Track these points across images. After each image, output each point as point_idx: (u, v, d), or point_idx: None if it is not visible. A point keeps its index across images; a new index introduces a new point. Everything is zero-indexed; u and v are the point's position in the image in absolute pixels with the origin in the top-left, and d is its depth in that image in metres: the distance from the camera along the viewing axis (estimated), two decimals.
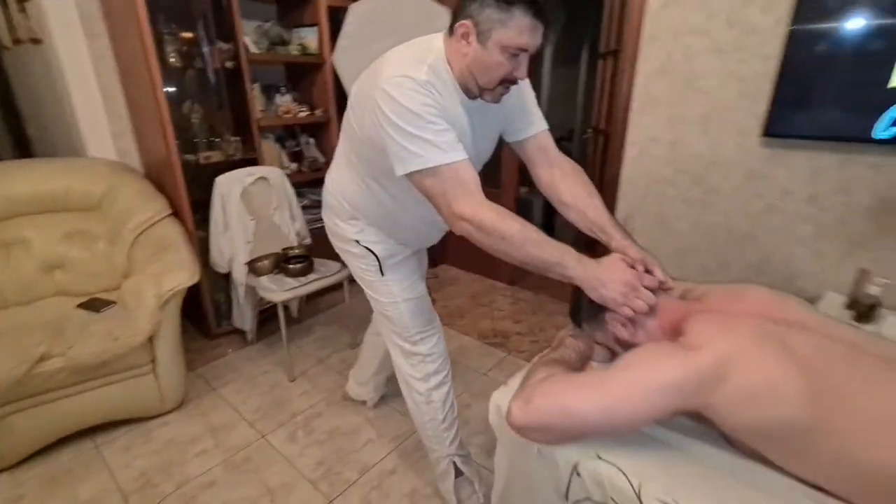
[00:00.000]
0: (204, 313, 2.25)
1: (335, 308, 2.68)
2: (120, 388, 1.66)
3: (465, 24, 0.89)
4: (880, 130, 1.47)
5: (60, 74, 1.96)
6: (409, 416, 1.78)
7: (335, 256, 2.58)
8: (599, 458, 0.76)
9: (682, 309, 0.88)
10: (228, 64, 2.12)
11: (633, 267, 0.91)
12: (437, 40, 0.97)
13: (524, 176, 1.59)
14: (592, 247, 1.10)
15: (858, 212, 1.62)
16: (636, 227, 2.17)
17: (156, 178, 2.13)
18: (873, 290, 1.46)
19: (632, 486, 0.71)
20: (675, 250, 2.06)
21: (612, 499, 0.73)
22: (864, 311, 1.46)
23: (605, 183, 2.25)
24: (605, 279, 0.87)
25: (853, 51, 1.47)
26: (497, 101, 0.98)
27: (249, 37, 2.26)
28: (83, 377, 1.56)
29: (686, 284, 1.03)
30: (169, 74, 1.92)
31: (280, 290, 1.91)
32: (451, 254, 3.24)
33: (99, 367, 1.55)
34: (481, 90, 0.95)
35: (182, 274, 1.72)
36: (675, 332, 0.83)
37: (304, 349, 2.27)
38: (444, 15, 2.22)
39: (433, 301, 1.36)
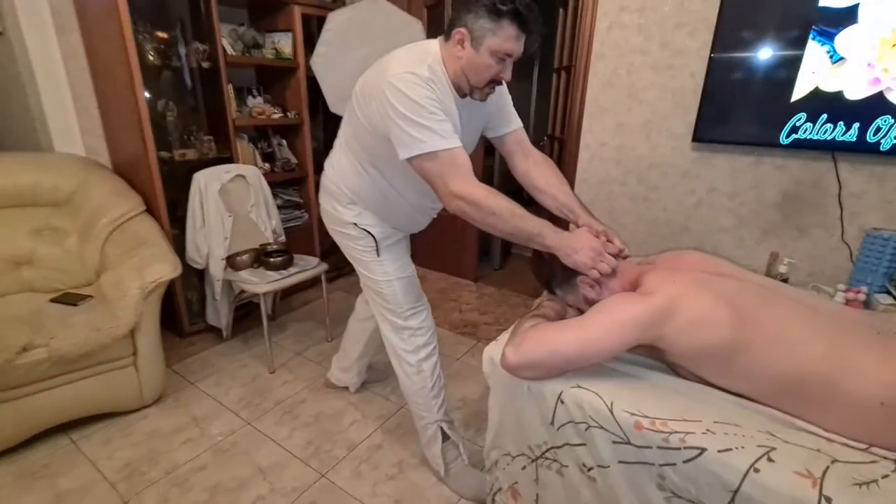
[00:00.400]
0: (176, 312, 2.25)
1: (308, 306, 2.74)
2: (99, 381, 1.66)
3: (461, 31, 1.05)
4: (783, 137, 1.80)
5: (28, 69, 1.93)
6: (390, 398, 1.91)
7: (310, 253, 2.66)
8: (579, 386, 0.93)
9: (637, 270, 1.08)
10: (205, 64, 2.17)
11: (597, 237, 1.10)
12: (434, 45, 1.12)
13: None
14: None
15: (768, 205, 1.94)
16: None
17: (127, 175, 2.12)
18: (782, 268, 1.77)
19: (606, 404, 0.89)
20: (625, 242, 2.32)
21: (591, 417, 0.90)
22: None
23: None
24: (577, 247, 1.05)
25: (762, 73, 1.78)
26: (484, 99, 1.14)
27: (225, 38, 2.32)
28: (64, 369, 1.55)
29: (639, 258, 1.25)
30: (146, 73, 1.94)
31: (262, 282, 1.97)
32: (419, 254, 3.37)
33: (81, 358, 1.55)
34: (472, 89, 1.11)
35: (164, 266, 1.75)
36: (633, 288, 1.03)
37: (281, 344, 2.31)
38: (415, 25, 2.40)
39: None
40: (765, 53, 1.76)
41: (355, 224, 1.33)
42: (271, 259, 2.07)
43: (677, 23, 1.95)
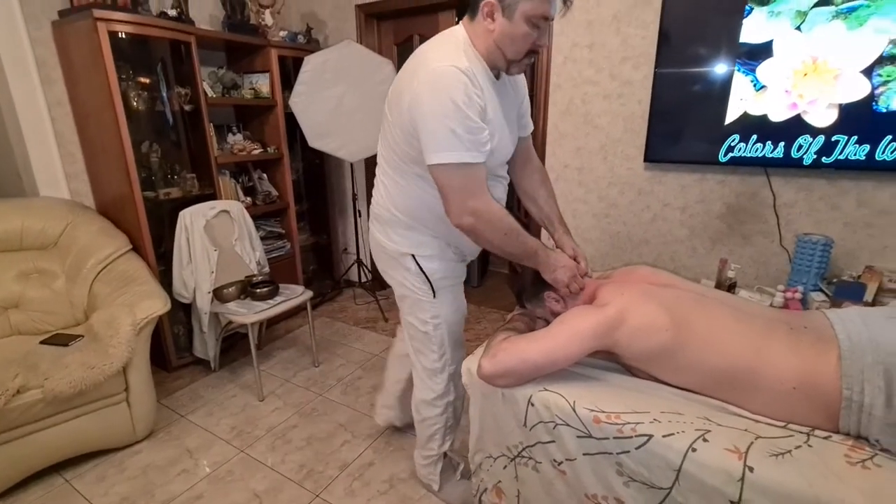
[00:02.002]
0: (163, 346, 2.29)
1: (292, 334, 2.80)
2: (92, 418, 1.70)
3: (489, 2, 0.98)
4: (722, 156, 2.01)
5: (13, 119, 2.00)
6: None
7: (294, 281, 2.75)
8: (546, 389, 1.06)
9: (595, 284, 1.23)
10: (187, 107, 2.28)
11: (574, 258, 1.24)
12: (459, 30, 1.06)
13: None
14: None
15: (715, 216, 2.14)
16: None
17: (113, 215, 2.19)
18: (730, 273, 1.95)
19: (569, 403, 1.02)
20: (591, 257, 2.50)
21: (557, 415, 1.02)
22: (726, 290, 1.94)
23: None
24: (558, 266, 1.18)
25: (698, 100, 1.99)
26: (521, 71, 1.08)
27: (205, 81, 2.44)
28: (58, 409, 1.59)
29: (599, 272, 1.40)
30: (130, 117, 2.04)
31: (250, 312, 2.05)
32: None
33: (75, 397, 1.59)
34: (509, 64, 1.03)
35: (155, 302, 1.82)
36: (591, 301, 1.17)
37: (268, 372, 2.37)
38: (386, 66, 2.56)
39: (386, 319, 1.50)
40: (699, 82, 1.98)
41: (413, 256, 1.24)
42: (258, 290, 2.15)
43: (623, 57, 2.17)
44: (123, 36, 2.00)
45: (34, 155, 2.06)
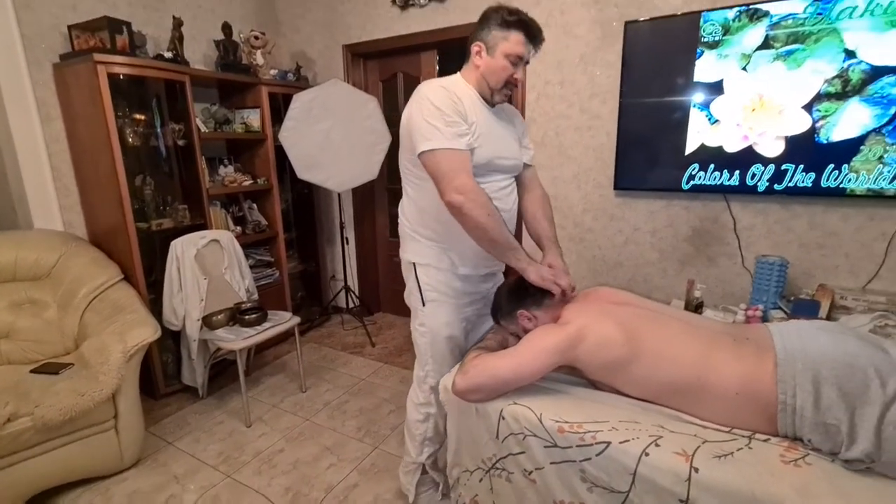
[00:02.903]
0: (152, 374, 2.32)
1: (280, 360, 2.84)
2: (80, 445, 1.72)
3: (478, 44, 1.27)
4: (684, 183, 2.15)
5: (12, 155, 2.09)
6: (364, 440, 2.04)
7: (282, 308, 2.82)
8: (515, 403, 1.14)
9: (561, 305, 1.32)
10: (180, 142, 2.39)
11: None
12: (456, 74, 1.35)
13: None
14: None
15: (682, 239, 2.27)
16: (539, 262, 2.70)
17: (105, 245, 2.26)
18: (697, 293, 2.07)
19: (536, 415, 1.10)
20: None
21: (526, 427, 1.10)
22: (693, 309, 2.05)
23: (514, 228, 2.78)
24: (537, 266, 1.27)
25: (661, 132, 2.15)
26: (503, 100, 1.33)
27: (198, 117, 2.56)
28: (48, 436, 1.62)
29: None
30: (126, 152, 2.13)
31: (238, 338, 2.10)
32: (387, 302, 3.56)
33: (65, 424, 1.62)
34: (492, 92, 1.29)
35: (145, 329, 1.87)
36: (556, 320, 1.26)
37: (256, 398, 2.40)
38: (371, 102, 2.72)
39: (373, 344, 1.54)
40: (660, 117, 2.14)
41: (414, 265, 1.40)
42: (246, 316, 2.21)
43: (591, 93, 2.34)
44: (122, 77, 2.13)
45: (30, 189, 2.14)
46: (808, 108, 1.86)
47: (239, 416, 2.22)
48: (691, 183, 2.13)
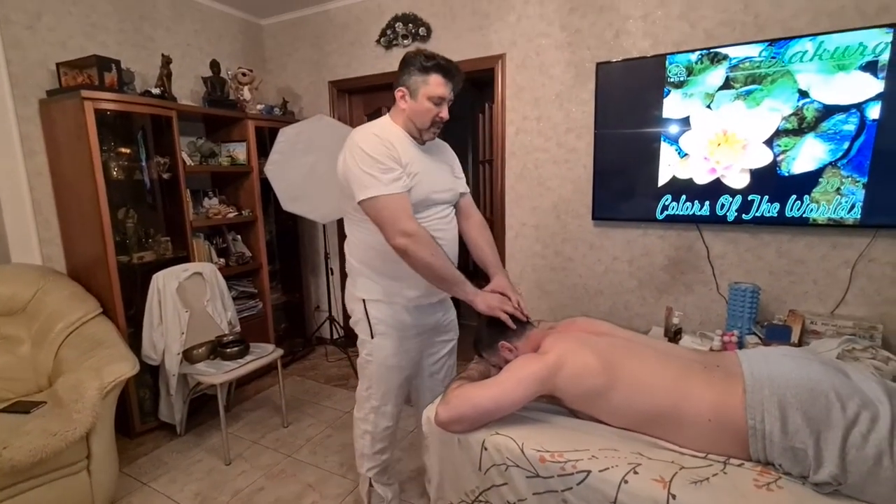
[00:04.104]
0: (127, 411, 2.25)
1: (262, 394, 2.79)
2: (50, 489, 1.64)
3: (401, 89, 1.34)
4: (658, 214, 2.24)
5: None
6: (347, 476, 2.00)
7: (266, 340, 2.80)
8: (497, 433, 1.15)
9: (541, 335, 1.35)
10: (165, 175, 2.41)
11: (502, 293, 1.39)
12: (385, 117, 1.42)
13: None
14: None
15: (659, 268, 2.34)
16: (522, 293, 2.73)
17: (84, 279, 2.23)
18: (675, 320, 2.12)
19: (518, 445, 1.11)
20: (552, 308, 2.65)
21: (508, 458, 1.11)
22: (672, 336, 2.10)
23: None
24: (487, 297, 1.34)
25: (634, 166, 2.25)
26: (433, 137, 1.40)
27: (184, 151, 2.59)
28: (16, 479, 1.55)
29: (550, 323, 1.54)
30: (109, 185, 2.14)
31: (219, 372, 2.07)
32: None
33: (35, 466, 1.56)
34: (420, 131, 1.37)
35: (123, 365, 1.83)
36: (536, 349, 1.29)
37: (236, 434, 2.34)
38: None
39: (357, 375, 1.60)
40: (633, 151, 2.24)
41: (364, 301, 1.45)
42: (227, 349, 2.18)
43: (567, 128, 2.44)
44: (108, 112, 2.16)
45: (10, 222, 2.12)
46: (769, 143, 1.97)
47: (218, 454, 2.16)
48: (665, 213, 2.22)
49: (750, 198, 2.05)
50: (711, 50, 2.01)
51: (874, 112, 1.80)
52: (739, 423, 1.01)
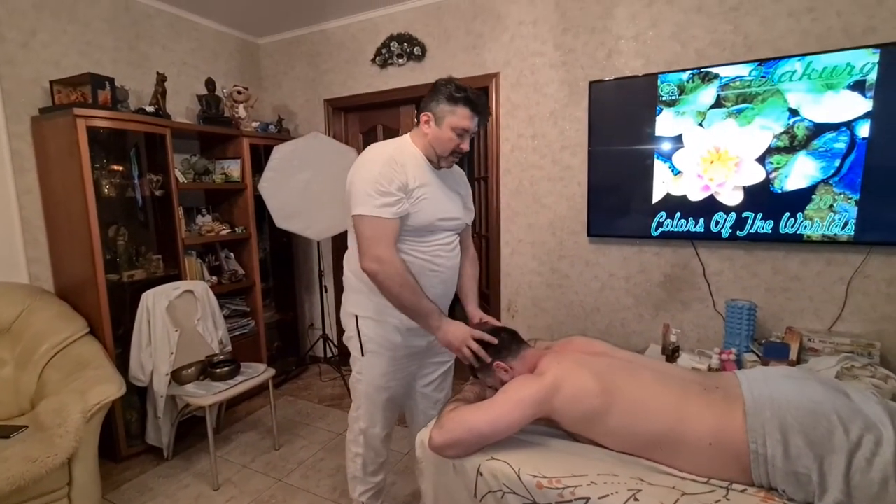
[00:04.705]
0: (113, 434, 2.19)
1: (254, 415, 2.72)
2: None
3: (426, 114, 1.34)
4: (653, 230, 2.24)
5: None
6: (339, 501, 1.94)
7: (258, 359, 2.75)
8: (493, 458, 1.11)
9: (538, 355, 1.33)
10: (158, 192, 2.39)
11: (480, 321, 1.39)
12: (405, 137, 1.43)
13: None
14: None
15: (655, 285, 2.33)
16: (518, 310, 2.72)
17: (72, 298, 2.19)
18: (672, 338, 2.10)
19: (514, 470, 1.07)
20: (549, 324, 2.62)
21: (504, 484, 1.07)
22: (670, 354, 2.08)
23: (491, 275, 2.82)
24: (450, 333, 1.31)
25: (628, 183, 2.26)
26: (450, 165, 1.40)
27: (177, 168, 2.58)
28: None
29: (547, 342, 1.51)
30: (101, 203, 2.12)
31: (208, 394, 2.02)
32: None
33: (13, 494, 1.50)
34: (439, 158, 1.37)
35: (108, 387, 1.78)
36: (533, 370, 1.27)
37: (226, 457, 2.28)
38: (350, 153, 2.79)
39: (351, 395, 1.59)
40: (627, 168, 2.25)
41: (356, 317, 1.45)
42: (217, 370, 2.14)
43: (562, 146, 2.46)
44: (101, 130, 2.15)
45: None
46: (762, 160, 1.99)
47: (206, 479, 2.09)
48: (660, 230, 2.22)
49: (744, 215, 2.05)
50: (702, 69, 2.04)
51: (864, 130, 1.82)
52: (741, 447, 0.99)
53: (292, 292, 3.31)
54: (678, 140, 2.12)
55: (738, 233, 2.07)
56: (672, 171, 2.15)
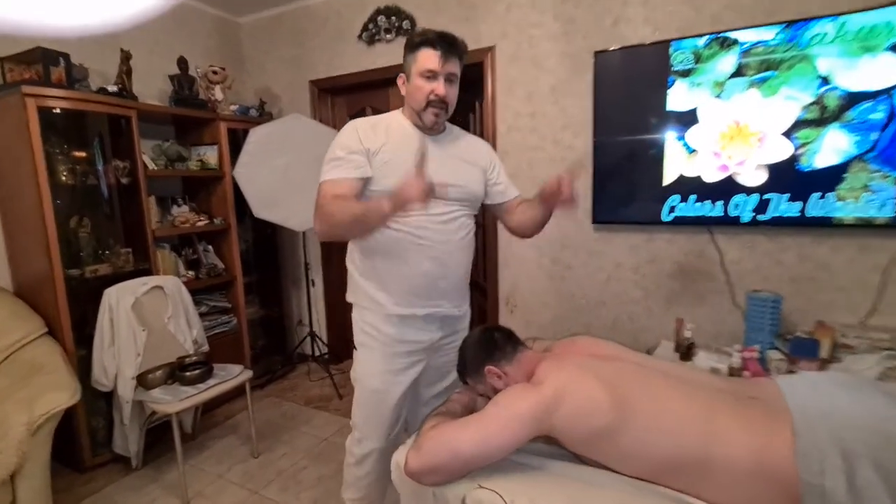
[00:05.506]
0: (76, 442, 2.01)
1: (234, 418, 2.54)
2: None
3: (401, 76, 1.27)
4: (665, 215, 2.03)
5: None
6: None
7: (240, 357, 2.56)
8: (481, 486, 0.92)
9: (536, 359, 1.13)
10: (124, 180, 2.19)
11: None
12: (397, 110, 1.34)
13: None
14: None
15: (666, 276, 2.13)
16: (518, 304, 2.52)
17: (30, 296, 2.01)
18: (687, 333, 1.90)
19: (506, 503, 0.88)
20: (550, 320, 2.43)
21: None
22: (684, 351, 1.88)
23: (488, 266, 2.61)
24: (400, 193, 1.04)
25: (637, 164, 2.04)
26: (430, 122, 1.24)
27: (147, 154, 2.38)
28: None
29: (547, 342, 1.31)
30: (59, 191, 1.94)
31: (175, 399, 1.84)
32: None
33: None
34: (419, 115, 1.24)
35: (59, 394, 1.60)
36: (530, 376, 1.07)
37: (199, 466, 2.10)
38: (332, 135, 2.57)
39: (340, 396, 1.44)
40: (635, 147, 2.04)
41: (352, 305, 1.36)
42: (187, 373, 1.95)
43: (563, 125, 2.24)
44: (58, 111, 1.96)
45: None
46: (788, 134, 1.77)
47: (176, 492, 1.91)
48: (672, 215, 2.01)
49: (767, 196, 1.84)
50: (721, 34, 1.82)
51: None
52: (789, 476, 0.79)
53: (278, 287, 3.12)
54: (691, 115, 1.91)
55: (760, 217, 1.86)
56: (686, 149, 1.94)
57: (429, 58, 1.19)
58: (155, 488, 1.96)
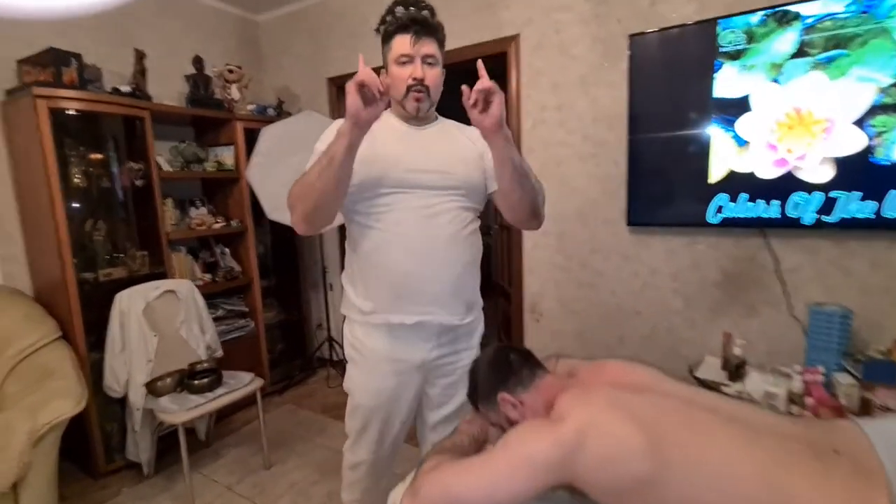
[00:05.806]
0: (91, 448, 1.99)
1: (250, 425, 2.48)
2: None
3: (382, 71, 1.16)
4: (711, 216, 1.81)
5: None
6: None
7: (258, 362, 2.48)
8: None
9: (557, 386, 0.97)
10: (139, 182, 2.16)
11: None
12: None
13: None
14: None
15: (711, 284, 1.90)
16: (543, 313, 2.34)
17: (47, 299, 2.00)
18: (736, 350, 1.68)
19: None
20: (579, 331, 2.24)
21: None
22: (733, 370, 1.66)
23: (513, 271, 2.45)
24: (348, 108, 0.95)
25: (679, 159, 1.84)
26: (414, 109, 1.14)
27: (163, 156, 2.35)
28: None
29: (572, 362, 1.14)
30: (73, 194, 1.92)
31: (181, 409, 1.77)
32: None
33: None
34: (402, 105, 1.15)
35: (65, 402, 1.56)
36: (550, 407, 0.91)
37: (211, 476, 2.04)
38: None
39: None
40: (676, 141, 1.83)
41: (345, 317, 1.27)
42: (196, 381, 1.89)
43: (594, 117, 2.05)
44: (73, 112, 1.94)
45: None
46: (860, 123, 1.53)
47: (185, 502, 1.85)
48: (719, 216, 1.79)
49: (833, 195, 1.60)
50: (778, 8, 1.58)
51: None
52: None
53: (297, 290, 3.06)
54: (743, 102, 1.68)
55: (825, 218, 1.62)
56: (736, 141, 1.71)
57: (401, 43, 1.12)
58: (164, 498, 1.91)
